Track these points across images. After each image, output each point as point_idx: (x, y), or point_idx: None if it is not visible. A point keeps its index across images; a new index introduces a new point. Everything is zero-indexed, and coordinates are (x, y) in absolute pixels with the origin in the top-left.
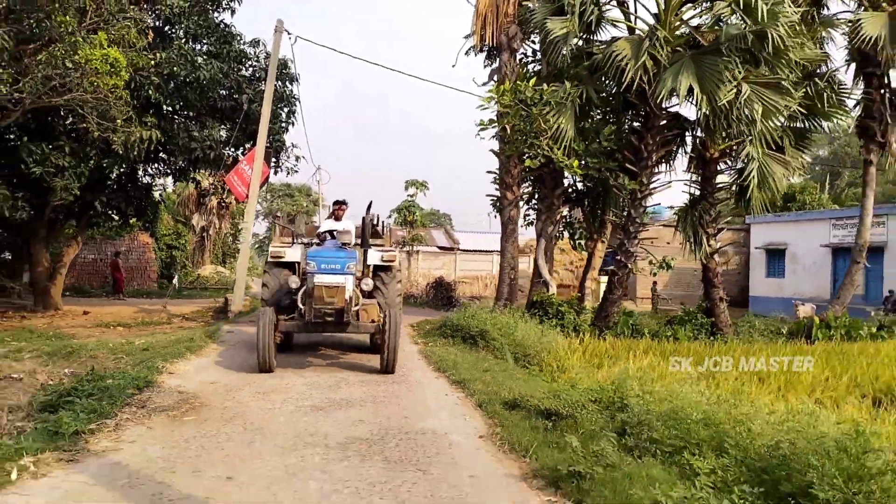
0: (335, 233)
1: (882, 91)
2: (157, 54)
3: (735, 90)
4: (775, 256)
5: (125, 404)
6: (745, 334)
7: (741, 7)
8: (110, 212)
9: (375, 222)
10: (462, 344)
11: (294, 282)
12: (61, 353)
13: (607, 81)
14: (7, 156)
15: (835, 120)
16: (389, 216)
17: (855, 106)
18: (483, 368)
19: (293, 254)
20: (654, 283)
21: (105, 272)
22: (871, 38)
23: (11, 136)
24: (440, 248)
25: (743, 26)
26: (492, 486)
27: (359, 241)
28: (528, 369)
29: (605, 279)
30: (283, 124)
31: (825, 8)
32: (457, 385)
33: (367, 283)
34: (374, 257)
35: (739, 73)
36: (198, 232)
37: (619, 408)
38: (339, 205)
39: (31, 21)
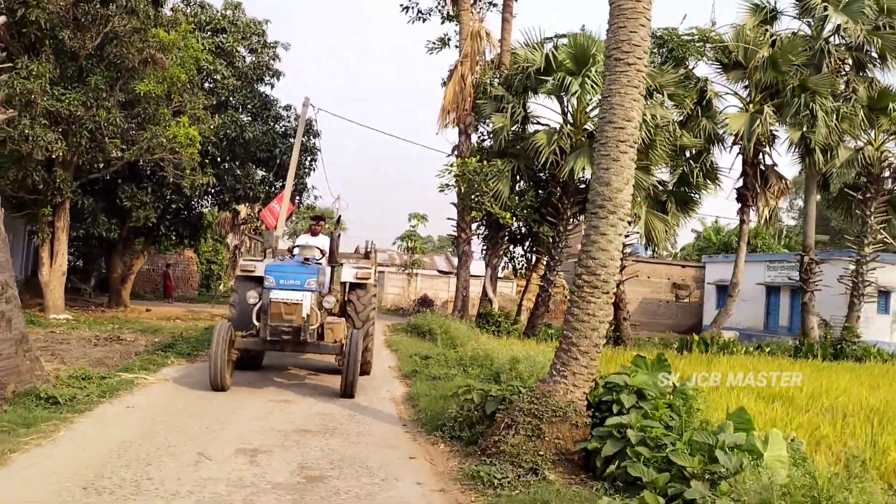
0: (298, 247)
1: (754, 167)
2: (217, 119)
3: None
4: (723, 291)
5: (201, 351)
6: (642, 345)
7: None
8: (170, 233)
9: (368, 248)
10: (415, 335)
11: (252, 297)
12: (149, 331)
13: (533, 159)
14: (106, 193)
15: (705, 191)
16: (394, 243)
17: (738, 178)
18: (417, 345)
19: (262, 268)
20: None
21: (156, 280)
22: (735, 132)
23: (109, 179)
24: (440, 271)
25: None
26: (385, 380)
27: (326, 258)
28: (452, 349)
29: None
30: (307, 170)
31: (711, 107)
32: (393, 351)
33: (329, 301)
34: (348, 274)
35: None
36: (231, 249)
37: (464, 357)
38: (317, 220)
39: (140, 108)
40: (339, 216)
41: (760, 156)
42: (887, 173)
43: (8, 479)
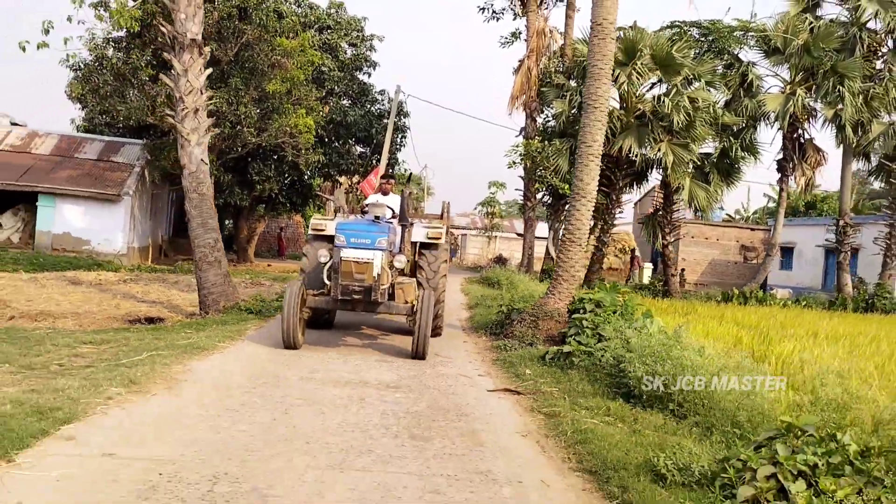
0: (369, 206)
1: (792, 141)
2: (326, 108)
3: (657, 148)
4: (787, 253)
5: None
6: (688, 297)
7: (672, 108)
8: (286, 201)
9: (443, 209)
10: (485, 284)
11: (323, 255)
12: (278, 280)
13: None
14: (240, 170)
15: (745, 163)
16: (475, 208)
17: (778, 151)
18: (485, 291)
19: (333, 227)
20: (682, 269)
21: (272, 241)
22: (770, 111)
23: (241, 158)
24: (518, 234)
25: (663, 111)
26: (456, 309)
27: (397, 217)
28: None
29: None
30: (398, 146)
31: (752, 88)
32: (465, 294)
33: (400, 261)
34: (419, 234)
35: (661, 137)
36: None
37: (515, 297)
38: (387, 179)
39: (268, 104)
40: (410, 173)
41: (798, 131)
42: None
43: (241, 349)
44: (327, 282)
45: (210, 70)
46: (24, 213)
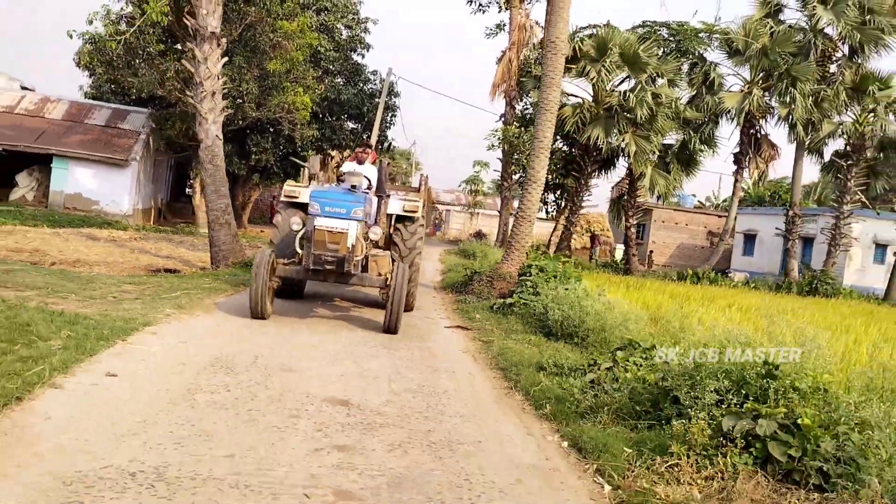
0: (346, 174)
1: (748, 136)
2: (322, 86)
3: (622, 139)
4: (750, 239)
5: None
6: (646, 275)
7: (636, 103)
8: (279, 171)
9: (419, 183)
10: (462, 255)
11: (296, 223)
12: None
13: (561, 127)
14: (239, 141)
15: (703, 154)
16: (459, 185)
17: (735, 145)
18: (461, 261)
19: (307, 194)
20: (650, 251)
21: (264, 209)
22: (728, 108)
23: (240, 130)
24: (499, 211)
25: (629, 105)
26: (432, 274)
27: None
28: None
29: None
30: (388, 124)
31: (714, 86)
32: (441, 263)
33: (375, 232)
34: (395, 206)
35: (626, 129)
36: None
37: (484, 266)
38: (364, 148)
39: (268, 81)
40: (378, 138)
41: (755, 127)
42: (869, 144)
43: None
44: (299, 250)
45: (225, 59)
46: (38, 173)
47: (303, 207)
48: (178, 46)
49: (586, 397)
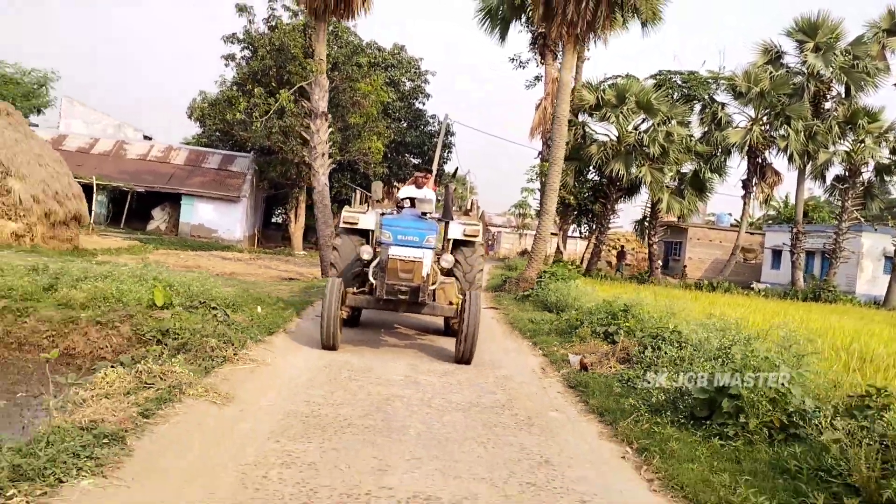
0: (415, 200)
1: (754, 165)
2: (390, 133)
3: (640, 171)
4: (776, 255)
5: None
6: (664, 284)
7: (649, 141)
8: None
9: (469, 206)
10: (506, 268)
11: (367, 252)
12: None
13: (589, 162)
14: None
15: (712, 182)
16: (509, 209)
17: (744, 173)
18: (504, 273)
19: (367, 220)
20: (684, 266)
21: None
22: (733, 143)
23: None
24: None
25: (644, 142)
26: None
27: (440, 213)
28: None
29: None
30: (445, 159)
31: (721, 124)
32: (490, 277)
33: (447, 260)
34: (455, 231)
35: (643, 163)
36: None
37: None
38: (425, 172)
39: (349, 132)
40: (457, 167)
41: (758, 157)
42: (865, 170)
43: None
44: (373, 280)
45: (331, 129)
46: (169, 208)
47: (362, 233)
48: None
49: (545, 328)
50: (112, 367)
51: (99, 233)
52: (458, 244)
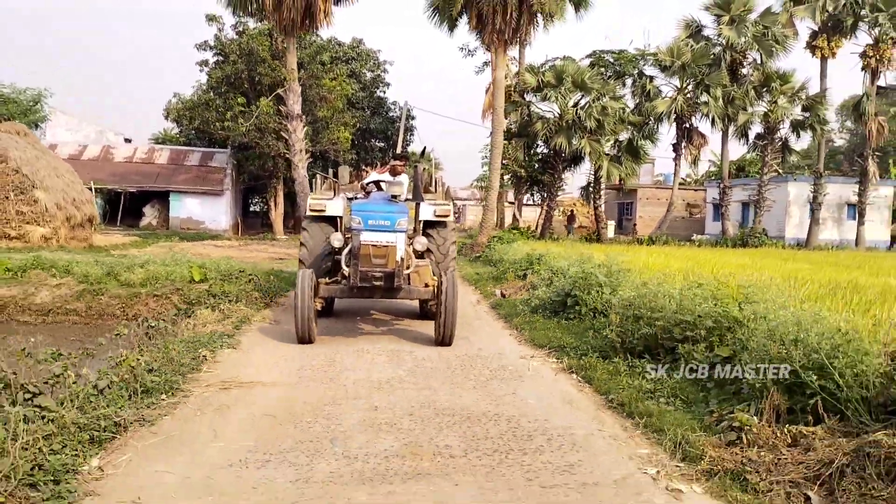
0: (383, 184)
1: (681, 129)
2: (356, 121)
3: (580, 143)
4: (717, 208)
5: None
6: (613, 242)
7: (586, 116)
8: None
9: (434, 183)
10: (468, 237)
11: (337, 240)
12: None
13: (535, 138)
14: None
15: (646, 147)
16: (471, 184)
17: (673, 138)
18: (464, 241)
19: (335, 207)
20: (634, 224)
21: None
22: (660, 112)
23: None
24: (508, 202)
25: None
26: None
27: (410, 195)
28: None
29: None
30: (408, 141)
31: (650, 95)
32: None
33: (421, 242)
34: (426, 212)
35: (583, 136)
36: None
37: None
38: (402, 160)
39: (318, 124)
40: (424, 147)
41: (685, 123)
42: (782, 127)
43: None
44: (345, 268)
45: (307, 128)
46: (158, 205)
47: (329, 221)
48: (252, 106)
49: (485, 276)
50: (204, 308)
51: (101, 231)
52: (429, 224)
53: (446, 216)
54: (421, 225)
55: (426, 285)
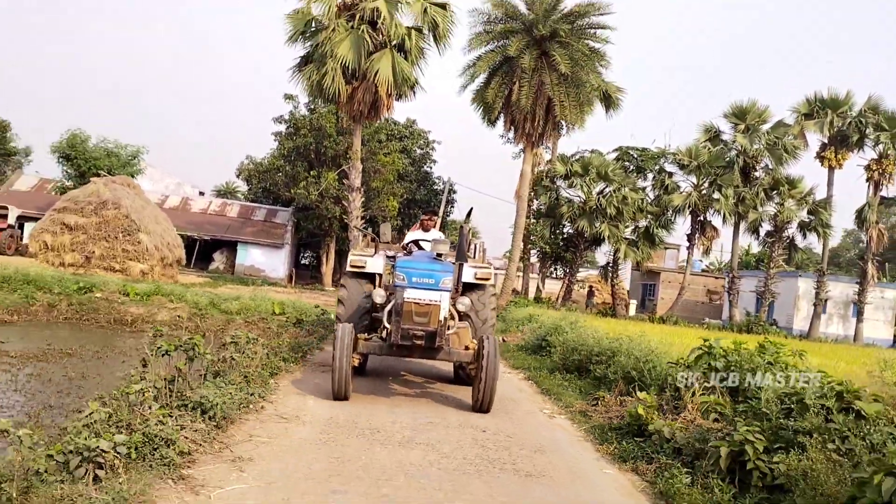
0: (431, 242)
1: (695, 221)
2: (403, 191)
3: (601, 227)
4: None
5: None
6: (627, 318)
7: (607, 204)
8: None
9: (474, 248)
10: None
11: (380, 295)
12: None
13: (561, 219)
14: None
15: (661, 235)
16: (504, 255)
17: (688, 228)
18: None
19: (375, 264)
20: (654, 305)
21: None
22: (677, 205)
23: None
24: (533, 276)
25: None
26: None
27: (453, 255)
28: None
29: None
30: (449, 213)
31: (668, 189)
32: None
33: (464, 303)
34: (466, 274)
35: (603, 221)
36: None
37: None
38: (430, 215)
39: (371, 193)
40: (471, 208)
41: (699, 216)
42: (790, 227)
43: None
44: (386, 324)
45: (363, 198)
46: (226, 252)
47: (369, 278)
48: (313, 172)
49: (499, 328)
50: (294, 326)
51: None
52: (468, 287)
53: (487, 279)
54: (460, 286)
55: (466, 348)
